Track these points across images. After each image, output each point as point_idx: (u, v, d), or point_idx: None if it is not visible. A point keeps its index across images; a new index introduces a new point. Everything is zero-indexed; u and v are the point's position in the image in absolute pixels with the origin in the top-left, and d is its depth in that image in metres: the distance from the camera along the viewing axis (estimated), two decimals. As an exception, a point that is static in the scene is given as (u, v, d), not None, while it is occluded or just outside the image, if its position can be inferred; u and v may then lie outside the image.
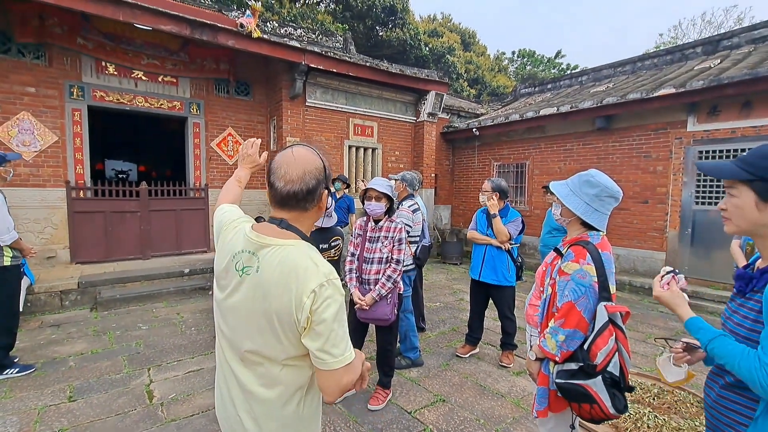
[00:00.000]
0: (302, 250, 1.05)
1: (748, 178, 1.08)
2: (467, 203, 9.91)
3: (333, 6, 15.43)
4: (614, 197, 1.68)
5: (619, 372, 1.56)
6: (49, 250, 5.72)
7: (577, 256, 1.64)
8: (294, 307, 0.99)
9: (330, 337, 1.00)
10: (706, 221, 5.86)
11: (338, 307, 1.02)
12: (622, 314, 1.62)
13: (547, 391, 1.72)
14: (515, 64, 25.04)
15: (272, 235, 1.07)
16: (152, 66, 6.35)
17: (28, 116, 5.52)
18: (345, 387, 1.04)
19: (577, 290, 1.61)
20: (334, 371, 1.01)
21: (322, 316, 0.99)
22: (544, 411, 1.74)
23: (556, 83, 10.88)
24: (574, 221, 1.76)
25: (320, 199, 1.10)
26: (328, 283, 1.01)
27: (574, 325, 1.60)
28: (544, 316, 1.80)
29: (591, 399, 1.53)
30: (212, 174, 7.09)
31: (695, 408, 2.87)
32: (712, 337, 1.12)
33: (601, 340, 1.55)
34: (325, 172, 1.10)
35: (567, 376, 1.60)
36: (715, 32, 19.06)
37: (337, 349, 1.01)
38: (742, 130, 5.53)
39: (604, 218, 1.70)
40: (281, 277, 1.01)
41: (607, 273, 1.63)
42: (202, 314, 4.91)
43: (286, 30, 7.50)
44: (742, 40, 7.28)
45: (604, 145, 7.05)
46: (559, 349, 1.62)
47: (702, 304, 5.39)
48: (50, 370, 3.38)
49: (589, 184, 1.68)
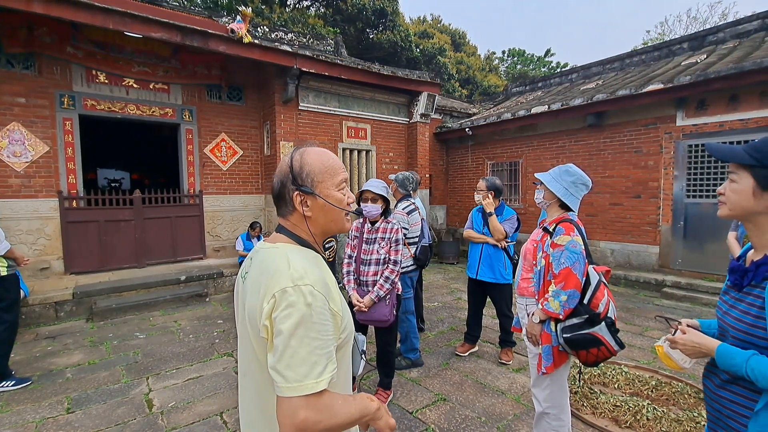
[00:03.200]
0: (283, 251, 0.95)
1: (751, 163, 1.09)
2: (462, 202, 9.95)
3: (323, 10, 15.47)
4: (586, 185, 2.09)
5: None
6: (42, 261, 5.66)
7: (567, 230, 1.98)
8: (257, 314, 0.88)
9: (284, 354, 0.81)
10: (698, 214, 5.93)
11: (300, 318, 0.83)
12: (604, 273, 2.00)
13: (551, 348, 1.99)
14: (506, 63, 25.22)
15: (269, 240, 1.05)
16: (143, 73, 6.32)
17: (19, 127, 5.47)
18: (302, 425, 0.79)
19: (572, 257, 1.92)
20: (287, 399, 0.81)
21: (279, 327, 0.83)
22: (551, 366, 1.99)
23: (546, 81, 10.97)
24: (554, 204, 2.13)
25: (293, 202, 1.00)
26: (294, 288, 0.85)
27: (573, 286, 1.90)
28: (541, 284, 2.08)
29: (599, 342, 1.84)
30: (206, 180, 7.06)
31: (693, 399, 2.91)
32: (747, 358, 1.07)
33: (600, 293, 1.90)
34: (291, 172, 0.99)
35: (575, 329, 1.89)
36: (701, 28, 19.34)
37: (291, 372, 0.81)
38: (729, 123, 5.61)
39: (578, 201, 2.09)
40: (255, 281, 0.94)
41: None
42: (199, 321, 4.88)
43: (277, 34, 7.52)
44: (727, 35, 7.41)
45: (596, 142, 7.12)
46: (562, 307, 1.91)
47: (696, 296, 5.46)
48: (47, 382, 3.35)
49: (568, 173, 2.08)
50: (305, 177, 0.99)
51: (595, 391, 3.02)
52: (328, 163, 1.02)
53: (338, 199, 1.02)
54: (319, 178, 1.00)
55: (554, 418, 2.09)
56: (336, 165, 1.04)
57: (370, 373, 3.44)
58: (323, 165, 1.01)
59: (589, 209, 7.13)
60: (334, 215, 1.03)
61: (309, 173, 0.99)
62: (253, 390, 0.98)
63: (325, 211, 1.01)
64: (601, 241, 7.12)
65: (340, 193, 1.03)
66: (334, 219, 1.03)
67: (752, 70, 5.04)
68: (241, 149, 7.40)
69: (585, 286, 1.93)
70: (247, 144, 7.46)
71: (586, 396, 2.96)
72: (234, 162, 7.34)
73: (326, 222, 1.03)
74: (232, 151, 7.29)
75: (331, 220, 1.03)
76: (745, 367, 1.05)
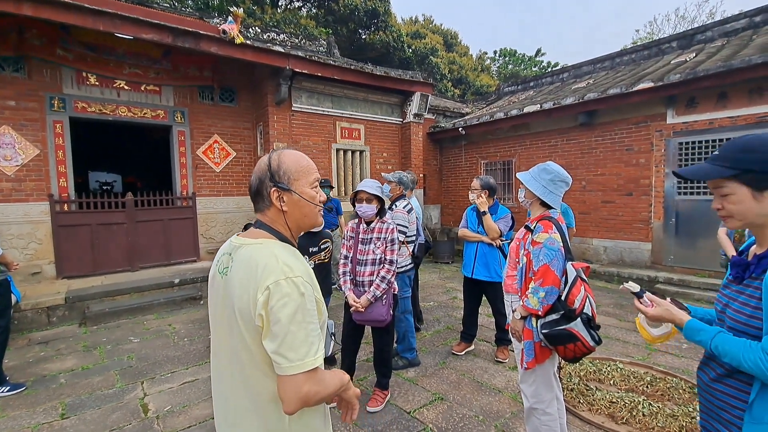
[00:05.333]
0: (268, 247, 1.03)
1: (733, 174, 1.09)
2: (456, 202, 9.99)
3: (315, 11, 15.44)
4: (565, 182, 2.10)
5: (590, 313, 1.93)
6: (34, 265, 5.59)
7: (545, 228, 2.02)
8: (251, 306, 0.96)
9: (286, 338, 0.93)
10: (689, 211, 6.01)
11: (296, 307, 0.95)
12: (584, 269, 2.02)
13: (533, 344, 2.04)
14: (497, 63, 25.33)
15: (248, 236, 1.10)
16: (134, 75, 6.26)
17: (9, 130, 5.39)
18: (306, 397, 0.94)
19: (550, 254, 1.97)
20: (292, 377, 0.93)
21: (277, 316, 0.94)
22: (533, 362, 2.04)
23: (538, 81, 11.05)
24: (535, 202, 2.16)
25: (270, 198, 1.08)
26: (286, 280, 0.96)
27: (551, 283, 1.94)
28: (522, 281, 2.12)
29: (574, 338, 1.87)
30: (199, 182, 7.01)
31: (688, 394, 2.94)
32: (713, 336, 1.11)
33: (576, 289, 1.93)
34: (269, 170, 1.08)
35: (552, 325, 1.93)
36: (689, 27, 19.59)
37: (294, 353, 0.93)
38: (719, 120, 5.69)
39: (558, 198, 2.11)
40: (243, 275, 1.00)
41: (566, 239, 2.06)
42: (194, 324, 4.85)
43: (269, 35, 7.49)
44: (715, 33, 7.52)
45: (588, 140, 7.18)
46: (540, 304, 1.95)
47: (688, 291, 5.53)
48: (41, 387, 3.31)
49: (546, 171, 2.10)
50: (282, 174, 1.09)
51: (591, 387, 3.05)
52: (303, 163, 1.13)
53: (311, 196, 1.13)
54: (295, 176, 1.10)
55: (542, 412, 2.12)
56: (310, 165, 1.15)
57: (367, 374, 3.45)
58: (299, 165, 1.12)
59: (581, 207, 7.19)
60: (307, 210, 1.13)
61: (286, 171, 1.09)
62: (240, 379, 1.04)
63: (300, 206, 1.11)
64: (594, 238, 7.18)
65: (313, 190, 1.14)
66: (307, 214, 1.13)
67: (740, 68, 5.12)
68: (234, 151, 7.36)
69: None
70: (240, 145, 7.43)
71: (582, 393, 2.99)
72: (227, 163, 7.30)
73: (300, 217, 1.13)
74: (225, 152, 7.25)
75: (304, 215, 1.13)
76: (710, 344, 1.11)
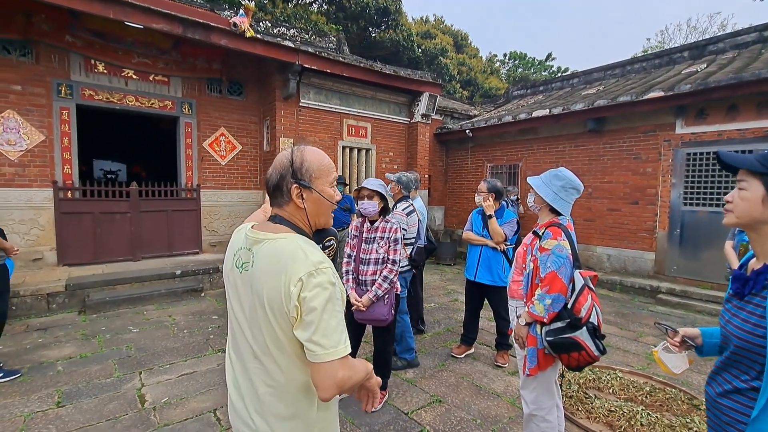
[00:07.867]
0: (293, 241, 1.06)
1: (762, 171, 1.09)
2: (461, 204, 9.96)
3: (326, 6, 15.40)
4: (576, 189, 2.06)
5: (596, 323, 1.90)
6: (35, 251, 5.59)
7: (554, 234, 1.99)
8: (283, 298, 0.99)
9: (320, 326, 0.97)
10: (695, 222, 5.97)
11: (328, 296, 0.99)
12: (591, 278, 1.98)
13: (536, 351, 2.01)
14: (507, 66, 25.28)
15: (267, 230, 1.11)
16: (143, 65, 6.25)
17: (14, 114, 5.39)
18: (341, 383, 0.98)
19: (558, 261, 1.93)
20: (327, 364, 0.97)
21: (310, 305, 0.97)
22: (535, 369, 2.01)
23: (547, 85, 11.00)
24: (544, 208, 2.12)
25: (290, 194, 1.10)
26: (317, 271, 0.99)
27: (558, 290, 1.91)
28: (529, 287, 2.10)
29: (579, 347, 1.86)
30: (204, 174, 7.00)
31: (686, 405, 2.92)
32: None
33: (583, 298, 1.90)
34: (292, 167, 1.09)
35: (557, 333, 1.91)
36: (700, 37, 19.49)
37: (327, 340, 0.97)
38: (728, 132, 5.65)
39: (568, 206, 2.07)
40: (271, 269, 1.02)
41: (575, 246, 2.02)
42: (194, 316, 4.84)
43: (280, 30, 7.47)
44: (727, 45, 7.46)
45: (596, 147, 7.14)
46: (546, 311, 1.92)
47: (690, 302, 5.49)
48: (37, 375, 3.29)
49: (557, 177, 2.06)
50: (304, 172, 1.10)
51: (589, 395, 3.02)
52: (324, 162, 1.15)
53: (330, 195, 1.15)
54: (317, 174, 1.12)
55: (542, 419, 2.11)
56: (330, 165, 1.17)
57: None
58: (321, 163, 1.14)
59: (587, 214, 7.16)
60: (324, 209, 1.15)
61: (308, 169, 1.11)
62: (268, 368, 1.07)
63: (318, 204, 1.13)
64: (598, 246, 7.14)
65: (332, 189, 1.17)
66: (323, 212, 1.16)
67: (751, 80, 5.07)
68: (240, 144, 7.35)
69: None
70: (246, 139, 7.41)
71: (581, 400, 2.96)
72: (233, 157, 7.28)
73: (316, 214, 1.15)
74: (231, 145, 7.24)
75: (320, 213, 1.15)
76: None
